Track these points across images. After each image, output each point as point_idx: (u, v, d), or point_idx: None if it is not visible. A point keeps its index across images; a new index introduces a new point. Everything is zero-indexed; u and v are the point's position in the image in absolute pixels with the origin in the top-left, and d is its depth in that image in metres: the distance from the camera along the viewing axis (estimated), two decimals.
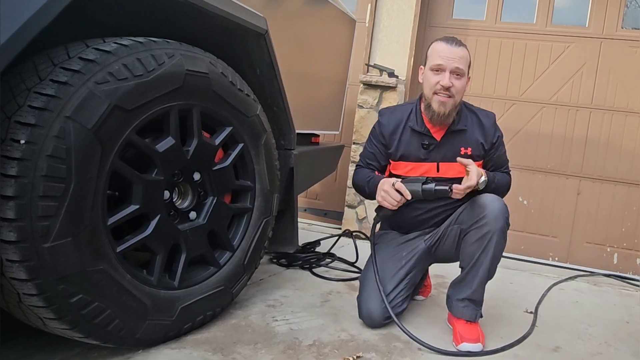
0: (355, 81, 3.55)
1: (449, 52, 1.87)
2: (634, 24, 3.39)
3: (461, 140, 1.97)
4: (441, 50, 1.88)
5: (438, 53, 1.88)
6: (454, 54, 1.86)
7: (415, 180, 1.86)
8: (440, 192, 1.81)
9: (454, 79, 1.87)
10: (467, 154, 1.96)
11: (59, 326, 1.29)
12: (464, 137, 1.98)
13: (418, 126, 1.97)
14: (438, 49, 1.90)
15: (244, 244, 1.86)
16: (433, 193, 1.81)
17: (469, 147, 1.97)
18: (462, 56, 1.88)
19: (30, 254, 1.16)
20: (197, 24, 1.68)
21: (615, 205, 3.39)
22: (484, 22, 3.63)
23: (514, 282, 2.79)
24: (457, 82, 1.87)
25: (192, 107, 1.57)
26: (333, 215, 3.97)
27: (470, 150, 1.97)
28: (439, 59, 1.87)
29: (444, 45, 1.89)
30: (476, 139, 1.98)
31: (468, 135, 1.98)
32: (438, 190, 1.81)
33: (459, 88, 1.88)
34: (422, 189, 1.82)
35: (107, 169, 1.32)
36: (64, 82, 1.21)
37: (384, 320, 1.89)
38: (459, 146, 1.96)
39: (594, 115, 3.42)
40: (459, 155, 1.93)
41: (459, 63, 1.86)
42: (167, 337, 1.59)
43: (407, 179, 1.89)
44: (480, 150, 1.99)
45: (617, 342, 2.05)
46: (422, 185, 1.82)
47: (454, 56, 1.86)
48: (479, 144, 1.98)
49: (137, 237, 1.47)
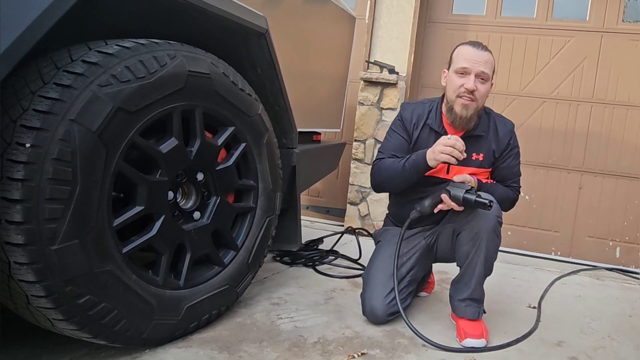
0: (355, 78, 3.55)
1: (475, 56, 1.86)
2: (634, 17, 3.39)
3: (475, 145, 1.96)
4: (467, 54, 1.87)
5: (464, 56, 1.88)
6: (479, 57, 1.86)
7: (459, 186, 1.82)
8: (479, 204, 1.76)
9: (479, 82, 1.86)
10: (478, 159, 1.96)
11: (67, 327, 1.30)
12: (479, 142, 1.97)
13: (436, 126, 1.96)
14: (464, 52, 1.89)
15: (247, 243, 1.87)
16: (473, 203, 1.76)
17: (480, 153, 1.97)
18: (488, 60, 1.88)
19: (38, 257, 1.18)
20: (198, 25, 1.69)
21: (617, 199, 3.40)
22: (484, 17, 3.63)
23: (516, 277, 2.80)
24: (481, 87, 1.87)
25: (194, 108, 1.58)
26: (335, 212, 3.98)
27: (482, 157, 1.97)
28: (465, 62, 1.86)
29: (470, 48, 1.89)
30: (489, 146, 1.97)
31: (483, 142, 1.97)
32: (478, 202, 1.75)
33: (482, 92, 1.88)
34: (463, 197, 1.78)
35: (112, 170, 1.33)
36: (68, 86, 1.22)
37: (388, 317, 1.90)
38: (471, 151, 1.95)
39: (595, 109, 3.42)
40: (470, 159, 1.93)
41: (484, 67, 1.86)
42: (174, 336, 1.61)
43: (453, 184, 1.85)
44: (491, 158, 1.98)
45: (620, 335, 2.06)
46: (465, 193, 1.78)
47: (479, 60, 1.85)
48: (491, 151, 1.98)
49: (142, 237, 1.48)
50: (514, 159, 2.03)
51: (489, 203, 1.74)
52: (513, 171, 2.04)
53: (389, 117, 3.49)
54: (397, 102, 3.48)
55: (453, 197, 1.80)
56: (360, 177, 3.60)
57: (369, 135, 3.56)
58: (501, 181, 2.03)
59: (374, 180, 2.02)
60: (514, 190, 2.06)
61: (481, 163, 1.97)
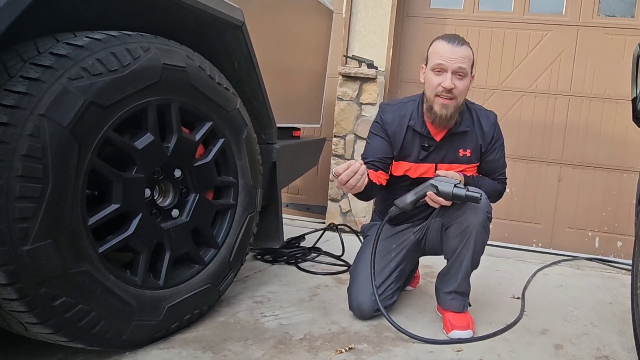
0: (333, 73, 3.52)
1: (451, 52, 1.78)
2: (609, 12, 3.43)
3: (461, 141, 1.93)
4: (442, 50, 1.80)
5: (439, 53, 1.80)
6: (455, 53, 1.78)
7: (446, 180, 1.78)
8: (471, 198, 1.72)
9: (457, 79, 1.79)
10: (465, 155, 1.94)
11: (42, 331, 1.25)
12: (464, 138, 1.94)
13: (419, 127, 1.91)
14: (439, 48, 1.81)
15: (228, 241, 1.83)
16: (464, 198, 1.73)
17: (467, 149, 1.94)
18: (465, 55, 1.80)
19: (8, 258, 1.13)
20: (172, 17, 1.64)
21: (595, 191, 3.44)
22: (462, 11, 3.64)
23: (499, 269, 2.81)
24: (459, 83, 1.80)
25: (170, 102, 1.54)
26: (316, 209, 3.95)
27: (469, 152, 1.94)
28: (440, 59, 1.79)
29: (445, 44, 1.80)
30: (476, 141, 1.94)
31: (468, 137, 1.94)
32: (469, 196, 1.72)
33: (461, 89, 1.81)
34: (452, 192, 1.74)
35: (86, 167, 1.28)
36: (36, 79, 1.17)
37: (374, 312, 1.88)
38: (458, 148, 1.92)
39: (573, 102, 3.46)
40: (457, 157, 1.91)
41: (461, 63, 1.78)
42: (155, 337, 1.56)
43: (438, 178, 1.80)
44: (478, 152, 1.96)
45: (602, 322, 2.07)
46: (454, 187, 1.74)
47: (455, 56, 1.78)
48: (478, 146, 1.95)
49: (119, 237, 1.43)
50: (499, 151, 2.00)
51: (480, 196, 1.72)
52: (499, 164, 2.02)
53: (369, 112, 3.48)
54: (376, 97, 3.46)
55: (441, 193, 1.75)
56: None
57: (348, 130, 3.53)
58: (487, 174, 2.02)
59: None
60: (501, 182, 2.05)
61: (469, 159, 1.95)
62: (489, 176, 2.02)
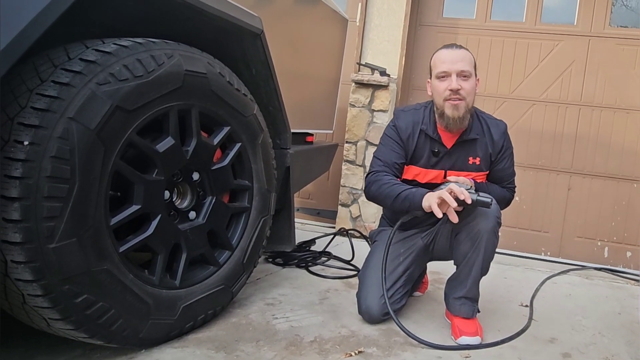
0: (346, 80, 3.56)
1: (450, 57, 1.87)
2: (620, 22, 3.45)
3: (471, 149, 1.97)
4: (443, 57, 1.89)
5: (440, 60, 1.89)
6: (455, 57, 1.86)
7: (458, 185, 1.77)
8: (482, 202, 1.74)
9: (462, 81, 1.86)
10: (475, 163, 1.97)
11: (63, 327, 1.29)
12: (474, 146, 1.97)
13: (431, 131, 1.95)
14: (439, 57, 1.90)
15: (242, 243, 1.87)
16: (475, 202, 1.73)
17: (477, 156, 1.97)
18: (464, 57, 1.87)
19: (35, 255, 1.17)
20: (194, 25, 1.69)
21: (605, 200, 3.45)
22: (474, 21, 3.67)
23: (508, 277, 2.83)
24: (465, 84, 1.86)
25: (191, 107, 1.58)
26: (326, 214, 3.98)
27: (479, 160, 1.97)
28: (443, 65, 1.87)
29: (444, 51, 1.90)
30: (486, 149, 1.98)
31: (478, 145, 1.97)
32: (480, 200, 1.73)
33: (468, 89, 1.87)
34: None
35: (110, 169, 1.33)
36: (66, 84, 1.21)
37: (383, 316, 1.91)
38: (468, 155, 1.96)
39: (583, 112, 3.47)
40: (467, 164, 1.94)
41: (462, 65, 1.85)
42: (170, 336, 1.60)
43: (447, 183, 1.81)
44: (488, 160, 1.99)
45: (610, 332, 2.09)
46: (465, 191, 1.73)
47: (456, 59, 1.86)
48: (487, 154, 1.98)
49: (138, 237, 1.47)
50: (508, 160, 2.04)
51: (490, 201, 1.74)
52: (508, 172, 2.06)
53: (380, 119, 3.51)
54: (388, 104, 3.50)
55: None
56: (352, 179, 3.61)
57: (360, 137, 3.57)
58: (497, 182, 2.05)
59: (369, 191, 1.96)
60: (510, 190, 2.09)
61: (479, 167, 1.98)
62: (498, 184, 2.05)
